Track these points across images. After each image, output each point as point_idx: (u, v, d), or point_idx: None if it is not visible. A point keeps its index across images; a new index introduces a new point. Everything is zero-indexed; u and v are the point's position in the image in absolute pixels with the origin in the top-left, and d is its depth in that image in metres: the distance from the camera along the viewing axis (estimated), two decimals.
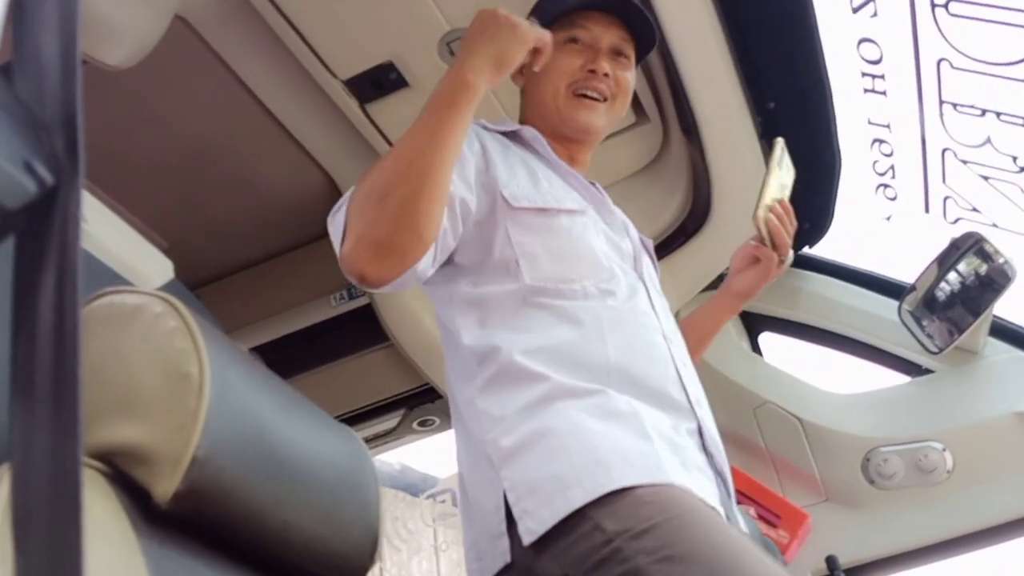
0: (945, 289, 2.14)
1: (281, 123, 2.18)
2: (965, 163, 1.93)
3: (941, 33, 1.68)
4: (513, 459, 1.15)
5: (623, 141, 2.31)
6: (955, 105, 1.82)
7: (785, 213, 1.49)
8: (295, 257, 2.65)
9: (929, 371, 2.31)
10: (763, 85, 1.99)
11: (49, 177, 0.36)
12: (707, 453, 1.25)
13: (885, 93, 1.91)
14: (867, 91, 1.93)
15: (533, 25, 1.31)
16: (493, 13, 1.26)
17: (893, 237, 2.28)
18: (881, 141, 2.04)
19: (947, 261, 2.14)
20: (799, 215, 2.34)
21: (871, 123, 2.02)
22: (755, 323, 2.63)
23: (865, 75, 1.90)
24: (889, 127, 2.00)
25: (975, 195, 2.01)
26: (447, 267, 1.29)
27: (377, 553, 0.93)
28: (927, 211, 2.13)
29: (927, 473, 2.12)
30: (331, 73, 2.00)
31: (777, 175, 1.52)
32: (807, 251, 2.52)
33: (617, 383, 1.21)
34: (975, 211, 2.05)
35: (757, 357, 2.59)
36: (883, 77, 1.88)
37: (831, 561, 2.21)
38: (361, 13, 1.88)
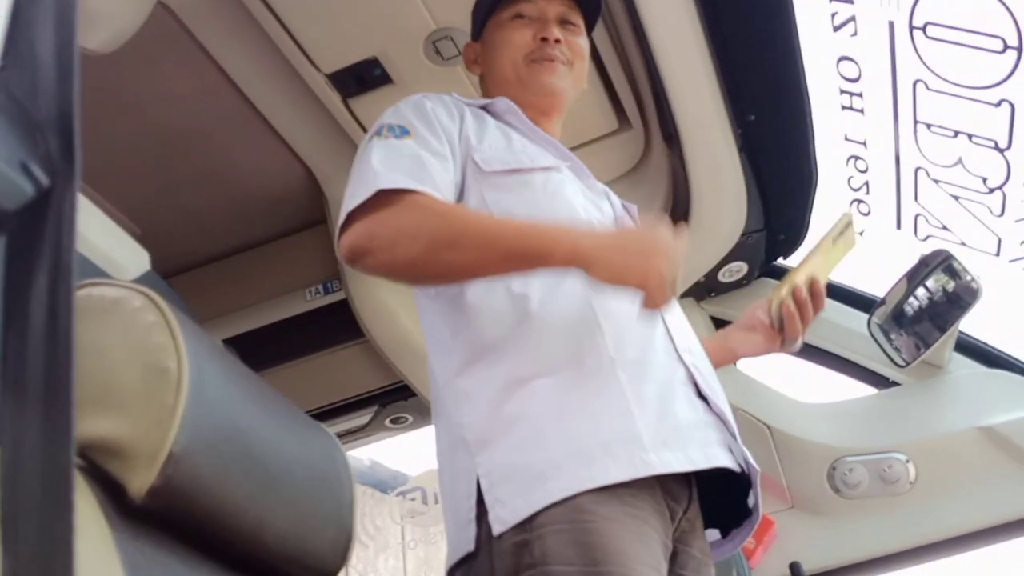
0: (913, 304, 2.17)
1: (262, 114, 2.17)
2: (937, 182, 1.96)
3: (918, 55, 1.71)
4: (489, 444, 1.13)
5: (605, 147, 2.33)
6: (929, 125, 1.85)
7: (814, 297, 1.41)
8: (271, 249, 2.63)
9: (895, 384, 2.34)
10: (744, 97, 2.02)
11: (44, 178, 0.35)
12: (703, 397, 1.22)
13: (862, 111, 1.93)
14: (845, 108, 1.96)
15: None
16: (663, 250, 1.12)
17: (865, 251, 2.31)
18: (857, 157, 2.07)
19: (916, 277, 2.16)
20: (775, 228, 2.41)
21: (848, 139, 2.04)
22: None
23: (843, 92, 1.93)
24: (865, 144, 2.03)
25: (946, 214, 2.04)
26: None
27: (350, 552, 0.93)
28: (899, 227, 2.16)
29: (891, 484, 2.15)
30: (315, 67, 2.00)
31: (827, 251, 1.42)
32: (781, 262, 2.56)
33: (603, 336, 1.18)
34: (945, 229, 2.08)
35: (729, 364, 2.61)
36: (861, 95, 1.90)
37: (795, 568, 2.23)
38: (348, 8, 1.87)
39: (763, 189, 2.27)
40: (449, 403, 1.21)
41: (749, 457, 1.22)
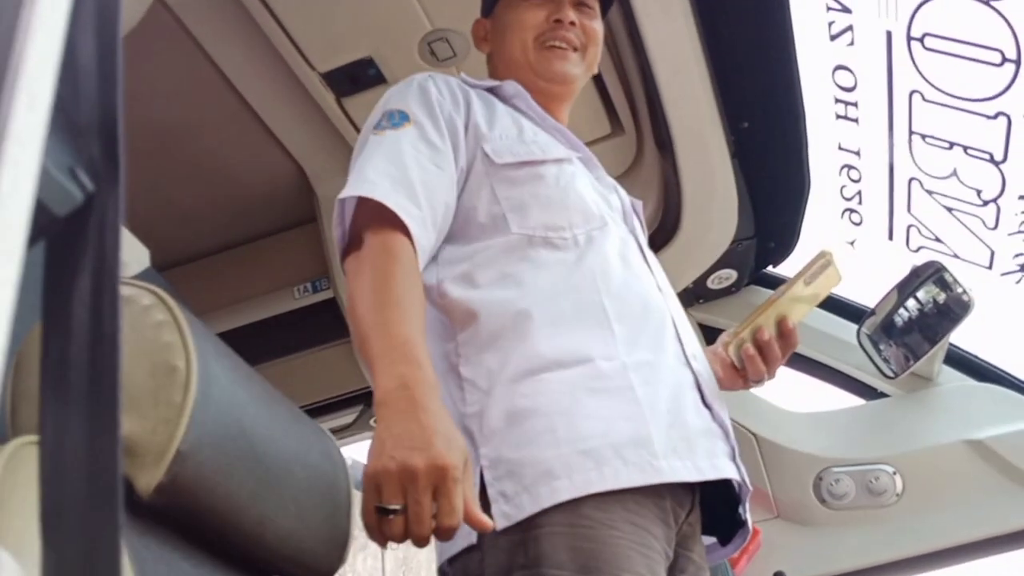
0: (903, 315, 2.17)
1: (255, 111, 2.16)
2: (930, 194, 1.96)
3: (915, 66, 1.71)
4: (496, 436, 1.09)
5: (597, 151, 2.29)
6: (924, 137, 1.85)
7: (783, 337, 1.32)
8: (261, 246, 2.63)
9: (884, 395, 2.34)
10: (738, 104, 2.01)
11: (89, 183, 0.35)
12: (707, 406, 1.20)
13: (857, 120, 1.93)
14: (839, 117, 1.96)
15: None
16: (421, 456, 0.89)
17: (856, 261, 2.32)
18: (850, 167, 2.07)
19: (907, 288, 2.16)
20: (766, 236, 2.40)
21: (842, 148, 2.04)
22: (716, 339, 2.65)
23: (839, 101, 1.93)
24: (859, 154, 2.03)
25: (938, 225, 2.04)
26: None
27: (347, 552, 0.93)
28: (891, 238, 2.16)
29: (877, 495, 2.16)
30: (309, 65, 1.99)
31: (797, 290, 1.32)
32: (771, 270, 2.56)
33: (614, 337, 1.16)
34: (937, 241, 2.08)
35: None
36: (856, 105, 1.90)
37: None
38: (344, 7, 1.87)
39: (755, 196, 2.27)
40: (453, 392, 1.17)
41: (744, 472, 1.21)
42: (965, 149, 1.80)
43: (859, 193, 2.12)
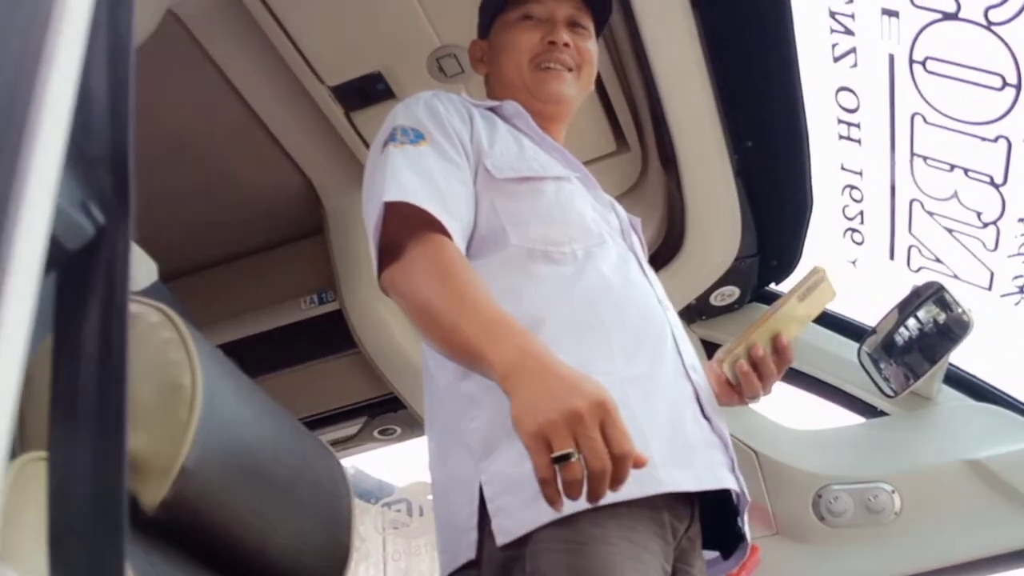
0: (904, 334, 2.18)
1: (264, 124, 2.18)
2: (931, 215, 1.97)
3: (917, 89, 1.73)
4: (495, 451, 1.10)
5: (602, 168, 2.34)
6: (926, 158, 1.87)
7: (779, 353, 1.32)
8: (268, 258, 2.64)
9: (884, 413, 2.35)
10: (742, 123, 2.03)
11: (100, 216, 0.35)
12: (706, 418, 1.21)
13: (859, 141, 1.95)
14: (842, 138, 1.98)
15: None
16: (580, 399, 0.94)
17: (857, 280, 2.33)
18: (852, 187, 2.09)
19: (907, 308, 2.17)
20: (769, 254, 2.42)
21: (844, 169, 2.06)
22: None
23: (841, 122, 1.94)
24: (861, 174, 2.04)
25: (939, 246, 2.05)
26: None
27: (347, 568, 0.93)
28: (892, 258, 2.17)
29: (876, 513, 2.16)
30: (319, 79, 2.01)
31: (791, 307, 1.32)
32: (774, 288, 2.57)
33: (612, 351, 1.16)
34: (938, 261, 2.10)
35: None
36: (858, 126, 1.92)
37: None
38: (354, 22, 1.89)
39: (758, 215, 2.29)
40: (451, 407, 1.19)
41: (743, 484, 1.21)
42: (966, 171, 1.82)
43: (861, 213, 2.14)
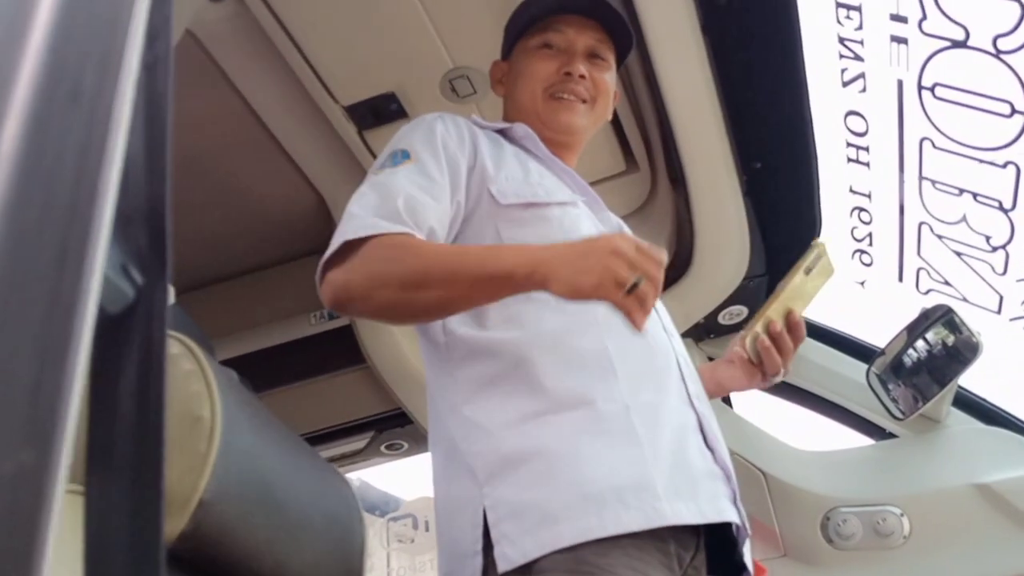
0: (913, 356, 2.18)
1: (278, 141, 2.20)
2: (940, 238, 1.98)
3: (926, 114, 1.73)
4: (498, 476, 1.10)
5: (612, 188, 2.36)
6: (934, 182, 1.87)
7: (792, 329, 1.37)
8: (278, 272, 2.66)
9: (892, 435, 2.34)
10: (751, 145, 2.04)
11: (139, 276, 0.35)
12: (710, 448, 1.21)
13: (868, 165, 1.96)
14: (851, 161, 1.99)
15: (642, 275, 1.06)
16: (611, 248, 1.05)
17: (866, 302, 2.33)
18: (861, 209, 2.09)
19: (916, 329, 2.17)
20: (777, 274, 2.42)
21: (853, 191, 2.07)
22: None
23: (850, 145, 1.95)
24: (870, 196, 2.05)
25: (948, 269, 2.05)
26: None
27: None
28: (900, 280, 2.17)
29: (884, 536, 2.15)
30: (333, 98, 2.03)
31: (801, 282, 1.38)
32: None
33: (617, 379, 1.16)
34: (947, 284, 2.10)
35: (726, 407, 2.63)
36: (867, 149, 1.93)
37: None
38: (368, 43, 1.91)
39: (766, 235, 2.30)
40: (455, 431, 1.18)
41: (744, 516, 1.21)
42: (974, 196, 1.82)
43: (870, 235, 2.14)
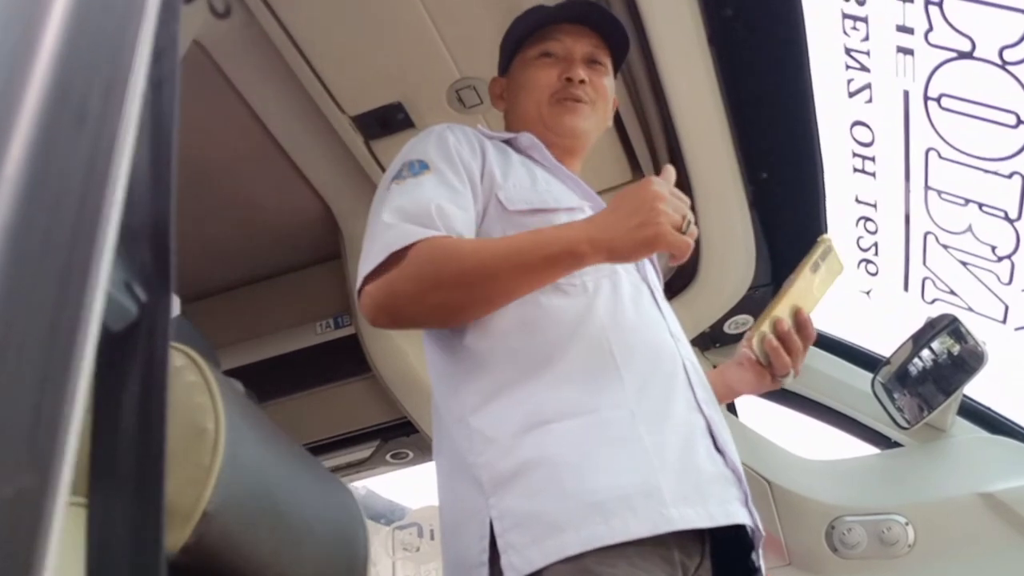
0: (918, 365, 2.18)
1: (285, 151, 2.21)
2: (946, 248, 1.98)
3: (932, 124, 1.74)
4: (504, 486, 1.09)
5: None
6: (940, 192, 1.88)
7: (801, 328, 1.34)
8: (285, 282, 2.67)
9: (897, 444, 2.34)
10: (757, 155, 2.05)
11: (142, 294, 0.35)
12: (719, 451, 1.20)
13: (874, 175, 1.96)
14: (857, 171, 1.99)
15: (682, 225, 1.14)
16: (654, 195, 1.14)
17: (871, 311, 2.33)
18: (867, 219, 2.09)
19: (922, 339, 2.17)
20: (782, 283, 2.42)
21: (859, 201, 2.07)
22: None
23: (856, 155, 1.96)
24: (875, 206, 2.05)
25: (953, 278, 2.05)
26: None
27: None
28: (906, 289, 2.17)
29: (889, 545, 2.15)
30: (340, 108, 2.04)
31: (808, 279, 1.35)
32: None
33: (623, 386, 1.16)
34: (952, 294, 2.10)
35: (731, 416, 2.63)
36: (873, 159, 1.93)
37: None
38: (375, 54, 1.92)
39: (772, 245, 2.30)
40: (461, 441, 1.18)
41: (757, 518, 1.20)
42: (980, 206, 1.82)
43: (875, 245, 2.14)
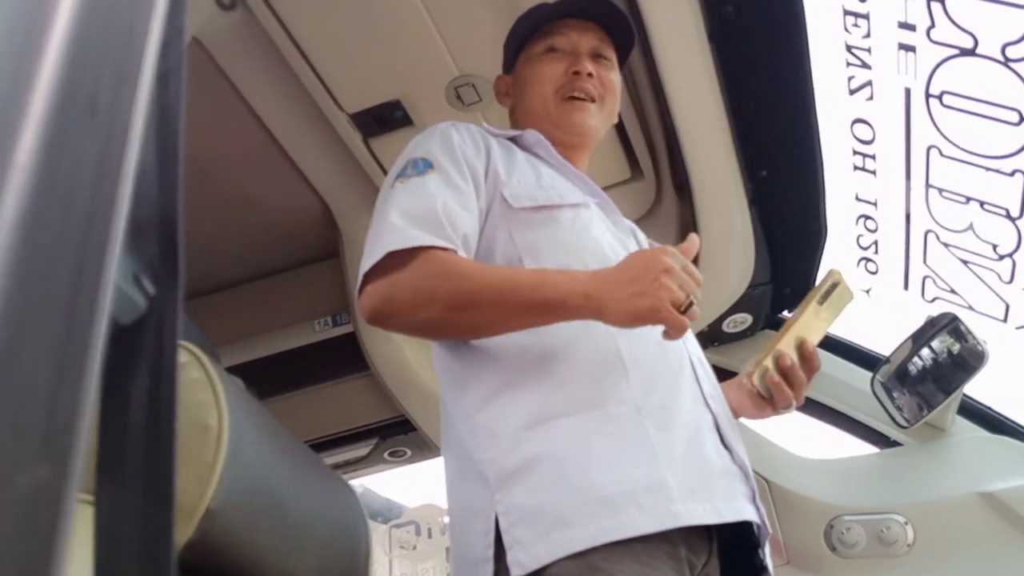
0: (918, 364, 2.18)
1: (283, 149, 2.20)
2: (947, 246, 1.97)
3: (933, 122, 1.73)
4: (510, 482, 1.09)
5: (617, 195, 2.34)
6: (941, 190, 1.87)
7: (806, 359, 1.31)
8: (283, 280, 2.66)
9: (897, 443, 2.34)
10: (757, 153, 2.04)
11: (151, 287, 0.35)
12: (727, 447, 1.20)
13: (875, 172, 1.96)
14: (857, 168, 1.98)
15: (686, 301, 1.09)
16: (661, 266, 1.08)
17: (871, 310, 2.33)
18: (867, 217, 2.09)
19: (922, 337, 2.17)
20: (782, 282, 2.42)
21: (859, 199, 2.07)
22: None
23: (856, 153, 1.95)
24: (876, 204, 2.05)
25: (954, 277, 2.05)
26: None
27: None
28: (906, 288, 2.17)
29: (888, 545, 2.15)
30: (338, 106, 2.03)
31: (814, 312, 1.32)
32: (787, 315, 2.57)
33: (629, 381, 1.16)
34: (953, 292, 2.09)
35: None
36: (874, 157, 1.93)
37: None
38: (374, 51, 1.91)
39: (772, 243, 2.29)
40: (467, 438, 1.18)
41: (764, 514, 1.20)
42: (981, 204, 1.82)
43: (875, 243, 2.14)
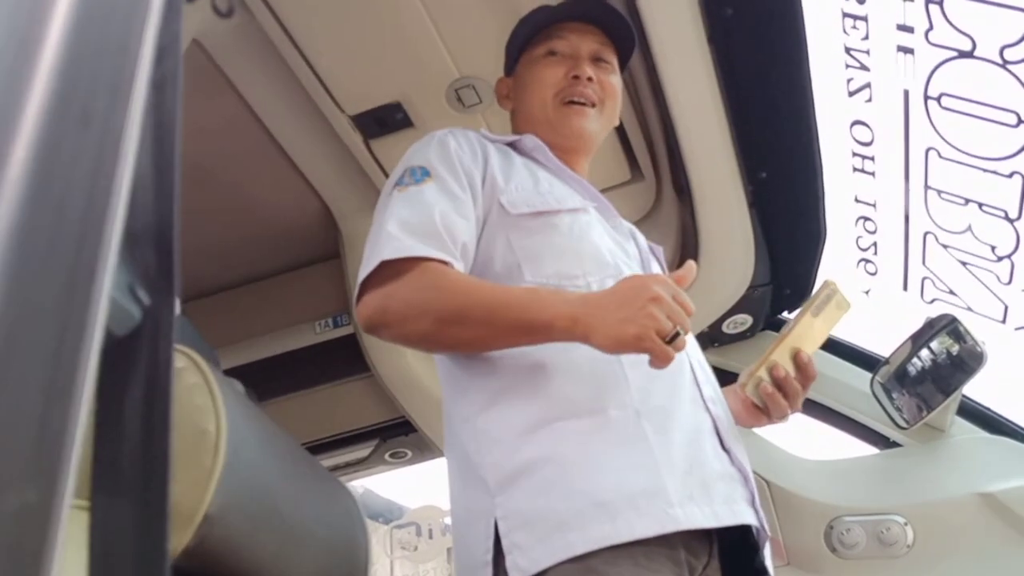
0: (917, 365, 2.18)
1: (284, 150, 2.21)
2: (945, 247, 1.98)
3: (932, 124, 1.74)
4: (510, 486, 1.10)
5: (616, 196, 2.36)
6: (940, 192, 1.87)
7: (801, 369, 1.31)
8: (284, 281, 2.66)
9: (897, 444, 2.34)
10: (757, 155, 2.05)
11: (146, 297, 0.35)
12: (726, 450, 1.20)
13: (874, 174, 1.96)
14: (856, 170, 1.99)
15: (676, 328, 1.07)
16: (650, 295, 1.06)
17: (870, 311, 2.33)
18: (866, 219, 2.09)
19: (921, 339, 2.17)
20: (782, 283, 2.42)
21: (858, 201, 2.07)
22: (730, 383, 2.66)
23: (856, 155, 1.95)
24: (875, 206, 2.05)
25: (953, 278, 2.05)
26: None
27: None
28: (905, 289, 2.17)
29: (888, 546, 2.15)
30: (339, 108, 2.03)
31: (808, 323, 1.32)
32: (786, 316, 2.57)
33: (628, 386, 1.16)
34: (952, 293, 2.10)
35: None
36: (873, 159, 1.93)
37: None
38: (374, 53, 1.91)
39: (771, 244, 2.30)
40: (468, 442, 1.19)
41: (764, 518, 1.20)
42: (980, 206, 1.82)
43: (875, 244, 2.14)
